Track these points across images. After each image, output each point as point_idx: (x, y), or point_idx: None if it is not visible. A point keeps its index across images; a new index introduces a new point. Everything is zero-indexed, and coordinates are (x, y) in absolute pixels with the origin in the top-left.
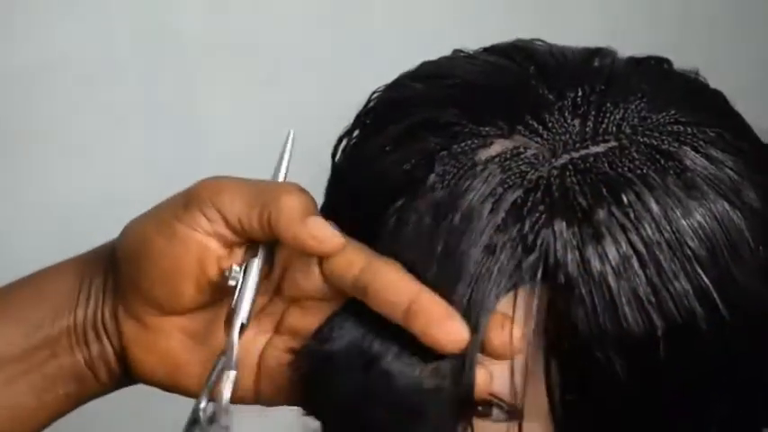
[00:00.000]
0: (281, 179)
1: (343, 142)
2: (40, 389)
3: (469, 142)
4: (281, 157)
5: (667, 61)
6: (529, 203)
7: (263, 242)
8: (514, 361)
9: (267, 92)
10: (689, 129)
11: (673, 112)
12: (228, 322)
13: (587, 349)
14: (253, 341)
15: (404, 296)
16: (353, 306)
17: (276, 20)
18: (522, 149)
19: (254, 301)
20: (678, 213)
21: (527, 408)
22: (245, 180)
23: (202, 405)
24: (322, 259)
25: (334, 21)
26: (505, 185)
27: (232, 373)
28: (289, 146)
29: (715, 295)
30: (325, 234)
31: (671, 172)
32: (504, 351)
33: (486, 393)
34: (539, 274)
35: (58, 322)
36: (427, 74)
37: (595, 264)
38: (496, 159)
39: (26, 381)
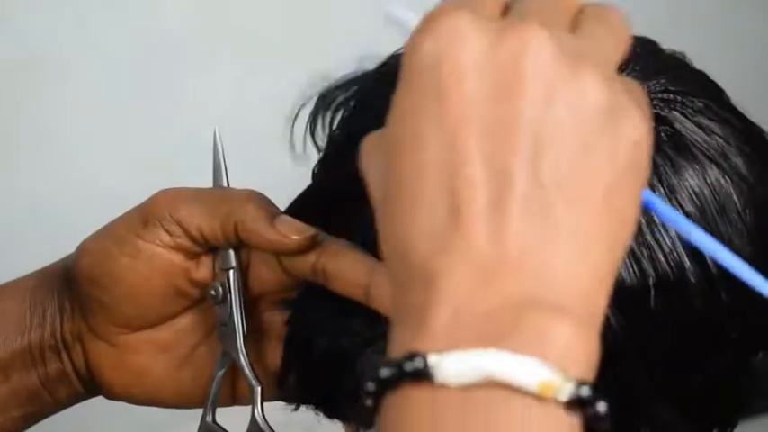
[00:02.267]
0: (225, 183)
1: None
2: None
3: None
4: (217, 159)
5: (654, 42)
6: None
7: (228, 248)
8: None
9: (255, 85)
10: (678, 97)
11: (663, 81)
12: (222, 337)
13: None
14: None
15: (361, 276)
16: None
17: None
18: None
19: (243, 311)
20: (669, 171)
21: None
22: (201, 190)
23: (209, 419)
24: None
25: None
26: None
27: (258, 389)
28: (219, 146)
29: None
30: (297, 229)
31: (662, 135)
32: None
33: None
34: None
35: (8, 345)
36: None
37: None
38: None
39: None
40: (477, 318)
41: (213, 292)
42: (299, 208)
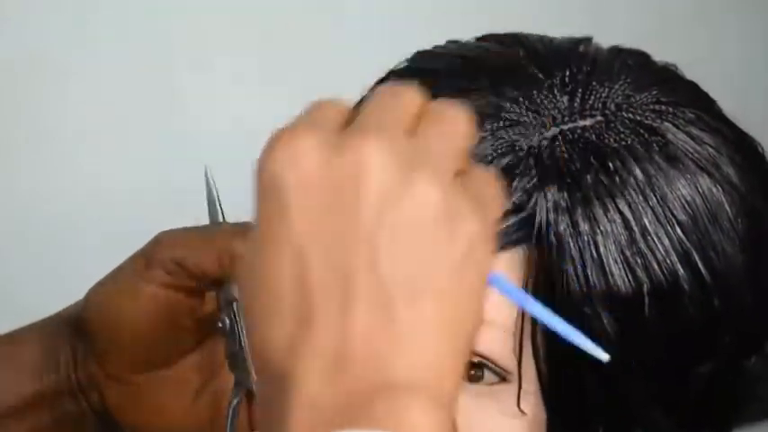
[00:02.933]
0: (220, 218)
1: None
2: None
3: None
4: (210, 196)
5: (646, 54)
6: (520, 168)
7: (230, 281)
8: (507, 322)
9: (255, 86)
10: (670, 108)
11: (655, 92)
12: (233, 367)
13: (577, 306)
14: None
15: None
16: None
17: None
18: (513, 120)
19: None
20: (662, 181)
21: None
22: (198, 229)
23: None
24: None
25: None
26: (497, 152)
27: None
28: (212, 182)
29: (696, 258)
30: None
31: (654, 145)
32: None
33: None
34: (533, 236)
35: (23, 391)
36: (421, 59)
37: (584, 225)
38: (488, 128)
39: None
40: (332, 410)
41: (221, 324)
42: None
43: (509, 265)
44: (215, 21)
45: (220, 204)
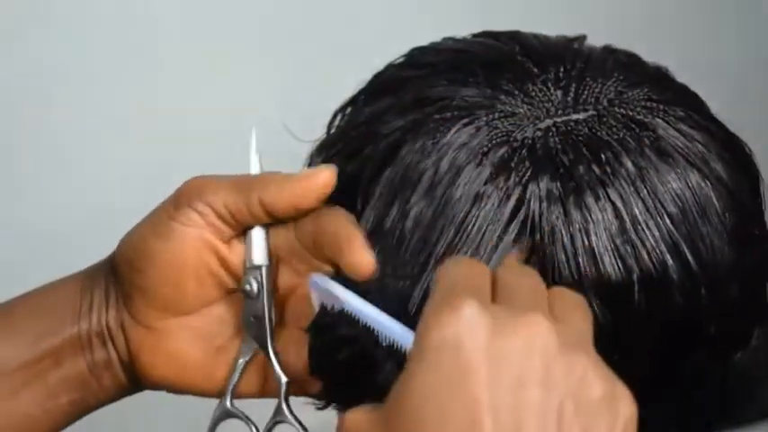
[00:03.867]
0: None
1: (338, 118)
2: (44, 397)
3: (458, 107)
4: (251, 155)
5: (637, 55)
6: (515, 159)
7: (255, 225)
8: None
9: (260, 95)
10: (661, 105)
11: (646, 89)
12: (250, 328)
13: None
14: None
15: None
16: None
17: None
18: (508, 112)
19: (273, 305)
20: (652, 174)
21: None
22: (229, 175)
23: (227, 403)
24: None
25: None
26: (493, 142)
27: (284, 381)
28: (253, 144)
29: (685, 249)
30: (314, 170)
31: (645, 139)
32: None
33: None
34: (526, 224)
35: (61, 332)
36: (418, 54)
37: (576, 214)
38: (484, 119)
39: (30, 390)
40: None
41: (248, 287)
42: None
43: (505, 253)
44: (218, 32)
45: (261, 162)
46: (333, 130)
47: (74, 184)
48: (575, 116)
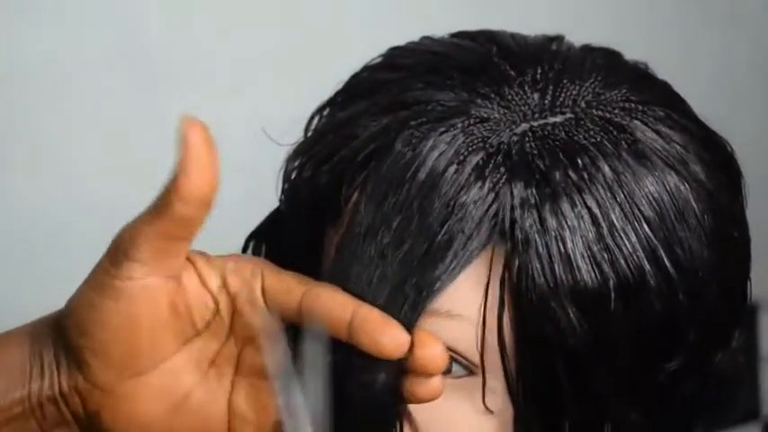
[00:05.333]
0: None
1: (315, 120)
2: None
3: (434, 113)
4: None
5: (618, 53)
6: (490, 165)
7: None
8: (473, 316)
9: (235, 101)
10: (639, 106)
11: (624, 90)
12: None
13: (544, 300)
14: (218, 388)
15: (346, 313)
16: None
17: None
18: (484, 117)
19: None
20: (629, 178)
21: (487, 364)
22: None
23: None
24: (265, 295)
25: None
26: (469, 148)
27: None
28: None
29: (662, 254)
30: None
31: (623, 143)
32: (432, 365)
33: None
34: (501, 232)
35: (10, 394)
36: (395, 55)
37: (551, 221)
38: (459, 125)
39: None
40: None
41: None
42: (269, 229)
43: (482, 263)
44: (207, 36)
45: None
46: (310, 133)
47: (61, 177)
48: (552, 119)
